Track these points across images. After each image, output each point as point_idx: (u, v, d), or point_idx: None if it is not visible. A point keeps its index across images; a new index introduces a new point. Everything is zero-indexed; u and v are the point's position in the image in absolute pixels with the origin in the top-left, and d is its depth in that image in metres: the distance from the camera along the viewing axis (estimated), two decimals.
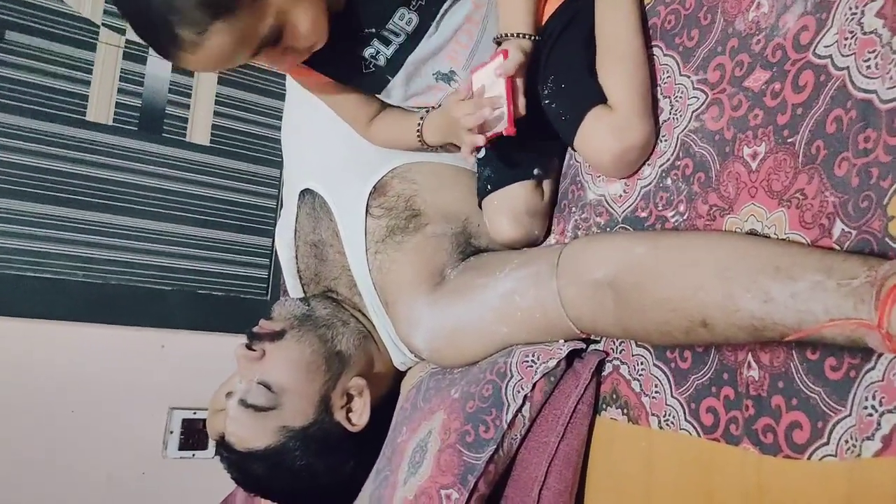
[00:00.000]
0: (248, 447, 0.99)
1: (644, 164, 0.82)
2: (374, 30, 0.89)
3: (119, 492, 1.74)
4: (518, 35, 0.83)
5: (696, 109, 0.77)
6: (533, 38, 0.84)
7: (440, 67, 0.94)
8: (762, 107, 0.69)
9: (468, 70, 0.92)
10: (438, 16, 0.89)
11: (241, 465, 1.02)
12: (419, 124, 0.97)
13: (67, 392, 1.70)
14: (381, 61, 0.91)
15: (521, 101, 0.81)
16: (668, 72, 0.82)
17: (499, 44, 0.85)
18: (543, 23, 0.88)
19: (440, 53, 0.93)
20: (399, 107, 1.01)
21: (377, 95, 0.98)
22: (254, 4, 0.73)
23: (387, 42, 0.90)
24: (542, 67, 0.86)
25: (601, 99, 0.82)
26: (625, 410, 0.79)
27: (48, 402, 1.68)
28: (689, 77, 0.79)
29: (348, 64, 0.92)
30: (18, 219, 1.66)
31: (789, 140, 0.65)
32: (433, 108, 0.98)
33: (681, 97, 0.79)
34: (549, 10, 0.89)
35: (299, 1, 0.77)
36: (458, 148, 0.98)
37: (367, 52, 0.91)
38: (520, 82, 0.81)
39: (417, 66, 0.93)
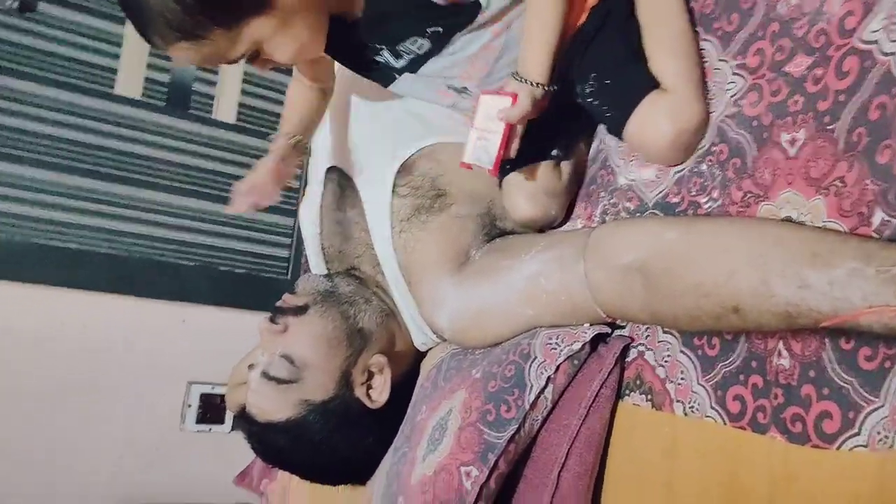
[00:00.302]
0: (268, 419, 1.01)
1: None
2: (384, 46, 0.89)
3: (136, 462, 1.77)
4: (533, 83, 0.82)
5: (734, 95, 0.76)
6: (546, 88, 0.83)
7: (453, 82, 0.94)
8: (803, 92, 0.68)
9: (481, 88, 0.91)
10: (450, 45, 0.88)
11: (261, 436, 1.04)
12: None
13: (88, 361, 1.72)
14: (391, 66, 0.92)
15: (514, 147, 0.84)
16: (705, 57, 0.81)
17: (513, 76, 0.84)
18: (578, 25, 0.87)
19: (453, 71, 0.92)
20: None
21: (385, 87, 0.99)
22: (227, 34, 0.74)
23: (397, 56, 0.90)
24: (578, 66, 0.86)
25: (654, 84, 0.81)
26: (648, 396, 0.78)
27: (70, 371, 1.70)
28: (727, 62, 0.78)
29: (358, 60, 0.94)
30: (45, 189, 1.69)
31: (830, 127, 0.64)
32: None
33: (718, 82, 0.78)
34: (584, 16, 0.87)
35: (279, 32, 0.77)
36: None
37: (379, 59, 0.91)
38: (519, 129, 0.83)
39: (428, 76, 0.93)
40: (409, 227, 1.02)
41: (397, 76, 0.94)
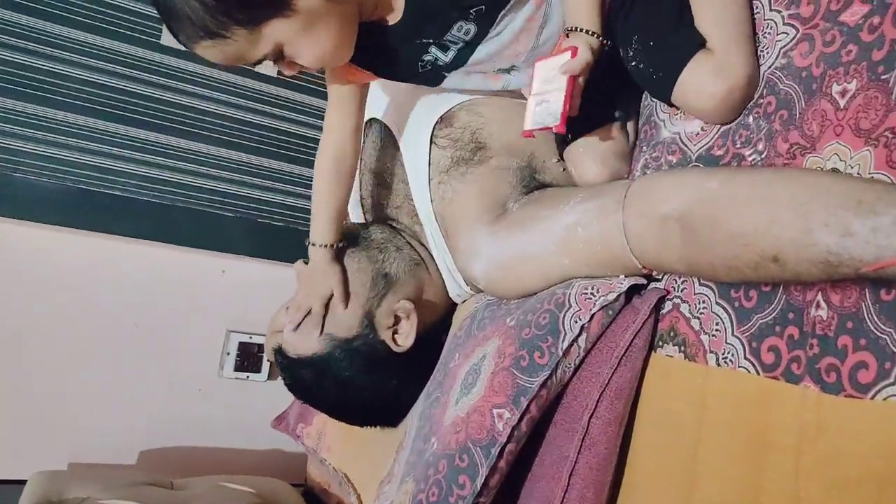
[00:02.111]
0: (297, 353, 1.07)
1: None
2: (431, 40, 0.88)
3: (177, 405, 1.83)
4: (587, 32, 0.82)
5: (785, 46, 0.74)
6: (601, 38, 0.82)
7: (501, 64, 0.93)
8: (857, 42, 0.66)
9: (529, 64, 0.91)
10: (496, 23, 0.87)
11: (291, 370, 1.09)
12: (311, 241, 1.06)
13: (132, 306, 1.78)
14: (441, 63, 0.91)
15: (577, 102, 0.81)
16: (757, 7, 0.79)
17: (566, 35, 0.83)
18: None
19: (502, 53, 0.92)
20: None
21: (432, 88, 0.99)
22: (248, 35, 0.75)
23: (445, 48, 0.89)
24: (620, 30, 0.85)
25: (699, 45, 0.79)
26: (682, 348, 0.79)
27: (114, 315, 1.76)
28: (779, 12, 0.76)
29: (404, 66, 0.93)
30: (90, 135, 1.73)
31: (883, 77, 0.63)
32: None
33: (769, 33, 0.77)
34: None
35: (301, 35, 0.77)
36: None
37: (426, 57, 0.90)
38: (581, 81, 0.81)
39: (477, 65, 0.92)
40: (447, 179, 1.03)
41: (446, 74, 0.93)
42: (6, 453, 1.65)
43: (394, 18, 0.86)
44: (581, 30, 0.82)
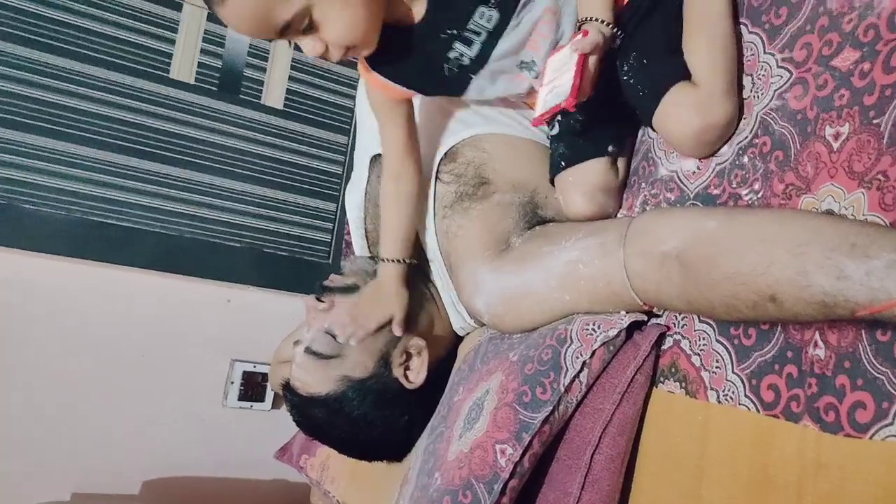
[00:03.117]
0: (310, 392, 1.05)
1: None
2: (455, 31, 0.88)
3: (181, 435, 1.84)
4: (598, 20, 0.84)
5: (779, 88, 0.76)
6: (611, 26, 0.84)
7: (523, 57, 0.94)
8: (849, 87, 0.68)
9: (547, 57, 0.92)
10: (518, 8, 0.88)
11: (302, 409, 1.08)
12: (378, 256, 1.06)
13: (138, 336, 1.79)
14: (466, 61, 0.91)
15: (589, 83, 0.81)
16: (751, 49, 0.82)
17: (579, 28, 0.85)
18: (627, 1, 0.88)
19: (523, 45, 0.92)
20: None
21: (459, 97, 0.98)
22: None
23: (468, 42, 0.89)
24: (625, 43, 0.87)
25: (684, 75, 0.82)
26: (683, 384, 0.80)
27: (121, 345, 1.77)
28: (773, 55, 0.78)
29: (430, 70, 0.92)
30: (103, 168, 1.75)
31: (875, 121, 0.65)
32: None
33: (763, 75, 0.79)
34: None
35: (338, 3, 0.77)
36: (529, 120, 1.02)
37: (451, 54, 0.90)
38: (592, 62, 0.81)
39: (500, 60, 0.92)
40: (451, 214, 1.05)
41: (472, 76, 0.93)
42: (10, 484, 1.64)
43: (418, 16, 0.87)
44: (592, 19, 0.84)
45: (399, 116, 0.99)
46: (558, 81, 0.82)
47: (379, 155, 1.19)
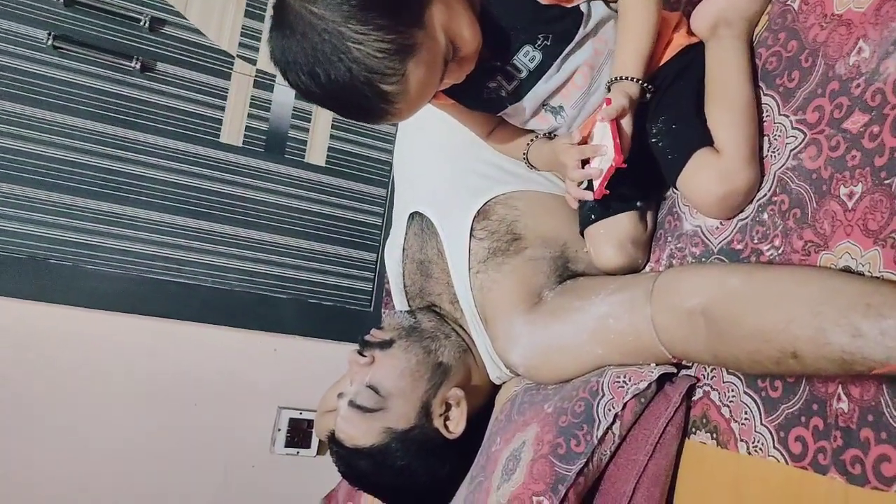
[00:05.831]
0: (355, 444, 1.09)
1: None
2: (499, 63, 0.92)
3: (232, 482, 1.90)
4: (625, 78, 0.88)
5: (794, 148, 0.79)
6: (640, 81, 0.88)
7: (552, 102, 0.98)
8: (860, 148, 0.71)
9: (575, 108, 0.97)
10: (560, 58, 0.92)
11: (348, 460, 1.12)
12: (527, 146, 1.05)
13: (192, 386, 1.88)
14: (503, 93, 0.95)
15: (628, 140, 0.86)
16: (767, 111, 0.85)
17: (609, 89, 0.90)
18: (660, 66, 0.93)
19: (559, 91, 0.96)
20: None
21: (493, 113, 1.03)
22: (425, 31, 0.78)
23: (510, 77, 0.93)
24: (653, 107, 0.91)
25: (708, 141, 0.85)
26: (714, 435, 0.82)
27: (169, 396, 1.86)
28: (788, 117, 0.82)
29: (472, 91, 0.96)
30: (160, 229, 1.87)
31: (886, 181, 0.67)
32: (543, 135, 1.05)
33: (779, 136, 0.82)
34: (667, 55, 0.93)
35: (453, 11, 0.81)
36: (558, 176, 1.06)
37: (491, 84, 0.95)
38: (625, 122, 0.86)
39: (533, 99, 0.97)
40: (485, 269, 1.09)
41: (507, 105, 0.97)
42: None
43: None
44: (620, 78, 0.88)
45: (483, 116, 1.05)
46: (602, 150, 0.87)
47: (416, 212, 1.26)
